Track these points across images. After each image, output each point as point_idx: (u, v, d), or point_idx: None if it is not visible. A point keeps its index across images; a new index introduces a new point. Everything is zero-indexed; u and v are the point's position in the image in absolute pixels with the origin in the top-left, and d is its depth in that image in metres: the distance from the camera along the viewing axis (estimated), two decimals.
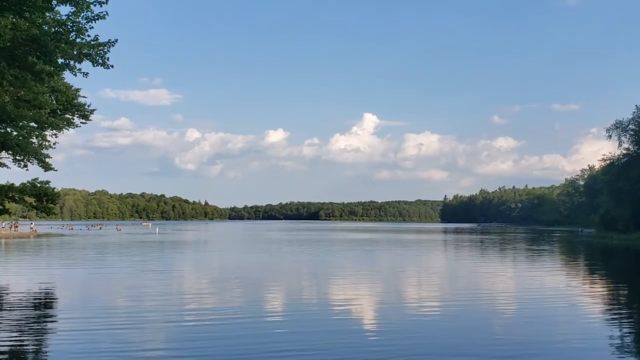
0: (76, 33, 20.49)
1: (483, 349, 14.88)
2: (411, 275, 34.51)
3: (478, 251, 60.20)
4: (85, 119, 37.92)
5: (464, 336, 16.37)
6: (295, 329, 17.45)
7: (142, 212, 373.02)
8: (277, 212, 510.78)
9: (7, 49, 18.95)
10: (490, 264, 43.68)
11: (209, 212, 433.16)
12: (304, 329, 17.33)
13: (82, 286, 28.10)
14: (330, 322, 18.73)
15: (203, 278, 32.27)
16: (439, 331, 17.15)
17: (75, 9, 20.20)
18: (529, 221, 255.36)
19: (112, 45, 21.09)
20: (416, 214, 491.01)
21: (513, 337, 16.41)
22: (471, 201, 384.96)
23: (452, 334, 16.76)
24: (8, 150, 31.10)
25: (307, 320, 18.94)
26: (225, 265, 41.43)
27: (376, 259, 47.51)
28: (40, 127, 31.59)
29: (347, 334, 16.71)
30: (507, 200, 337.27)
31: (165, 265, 39.99)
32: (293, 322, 18.67)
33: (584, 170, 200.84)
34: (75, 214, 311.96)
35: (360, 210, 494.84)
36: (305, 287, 28.51)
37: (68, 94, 34.03)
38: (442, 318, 19.56)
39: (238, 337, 15.97)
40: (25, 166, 32.88)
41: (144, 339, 15.82)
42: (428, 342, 15.62)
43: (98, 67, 21.15)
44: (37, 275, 33.15)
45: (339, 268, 38.45)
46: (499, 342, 15.79)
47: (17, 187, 32.94)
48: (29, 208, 36.48)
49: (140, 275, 32.01)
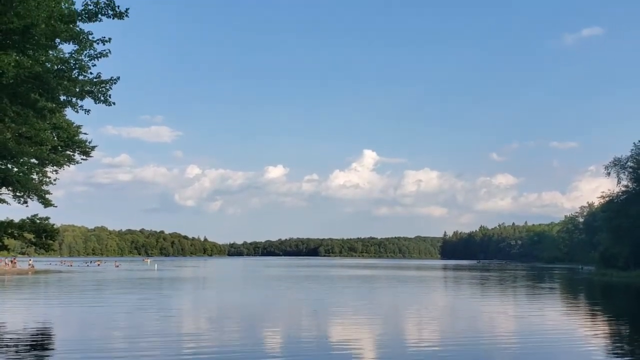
0: (79, 70, 20.72)
1: None
2: (412, 314, 34.22)
3: (479, 289, 59.80)
4: (86, 156, 38.03)
5: None
6: None
7: (141, 249, 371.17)
8: (277, 249, 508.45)
9: (10, 86, 19.13)
10: (491, 302, 43.36)
11: (208, 249, 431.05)
12: None
13: (79, 325, 27.84)
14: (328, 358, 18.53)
15: (201, 317, 32.00)
16: None
17: (79, 47, 20.46)
18: (529, 258, 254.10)
19: (114, 83, 21.28)
20: (416, 251, 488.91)
21: None
22: (471, 238, 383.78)
23: None
24: (8, 186, 31.13)
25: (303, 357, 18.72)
26: (223, 304, 41.11)
27: (376, 297, 47.15)
28: (41, 164, 31.67)
29: None
30: (507, 237, 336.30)
31: (164, 303, 39.66)
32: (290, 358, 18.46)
33: (583, 207, 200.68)
34: (74, 251, 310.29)
35: (359, 247, 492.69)
36: (304, 326, 28.25)
37: (69, 130, 34.21)
38: (443, 358, 19.35)
39: None
40: (25, 202, 32.89)
41: None
42: None
43: (100, 104, 21.34)
44: (34, 313, 32.87)
45: (338, 305, 38.14)
46: None
47: (16, 223, 32.86)
48: (28, 244, 36.35)
49: (138, 314, 31.74)
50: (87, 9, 20.04)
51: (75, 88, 20.91)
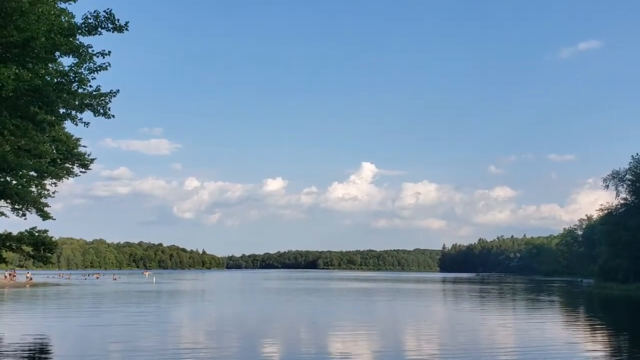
0: (78, 84, 20.77)
1: None
2: (411, 327, 34.11)
3: (478, 302, 59.67)
4: (85, 168, 38.05)
5: None
6: None
7: (140, 262, 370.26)
8: (275, 261, 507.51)
9: (10, 99, 19.16)
10: (490, 315, 43.26)
11: (207, 261, 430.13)
12: None
13: (77, 338, 27.72)
14: None
15: (200, 331, 31.87)
16: None
17: (78, 60, 20.52)
18: (528, 271, 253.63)
19: (113, 96, 21.33)
20: (415, 263, 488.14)
21: None
22: (470, 250, 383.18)
23: None
24: (7, 199, 31.12)
25: None
26: (222, 317, 40.96)
27: (376, 310, 47.01)
28: (40, 176, 31.67)
29: None
30: (505, 250, 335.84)
31: (162, 317, 39.50)
32: None
33: (582, 220, 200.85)
34: (73, 263, 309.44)
35: (358, 259, 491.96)
36: (303, 339, 28.15)
37: (68, 143, 34.24)
38: None
39: None
40: (24, 215, 32.87)
41: None
42: None
43: (99, 117, 21.37)
44: (32, 325, 32.74)
45: (337, 318, 38.03)
46: None
47: (14, 236, 32.80)
48: (26, 257, 36.20)
49: (136, 328, 31.61)
50: (87, 22, 20.12)
51: (75, 101, 20.95)
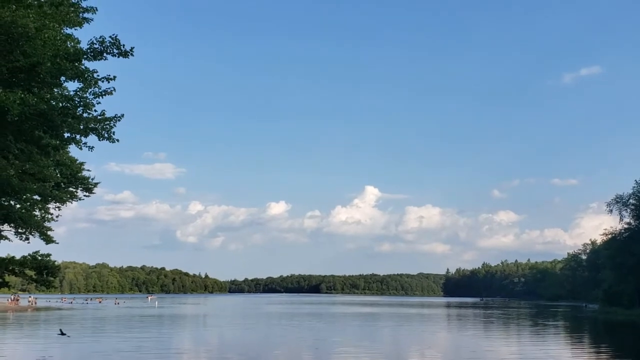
0: (83, 108, 20.86)
1: None
2: (415, 353, 33.86)
3: (483, 327, 59.24)
4: (89, 192, 38.07)
5: None
6: None
7: (142, 286, 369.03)
8: (278, 285, 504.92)
9: (15, 123, 19.27)
10: (495, 340, 42.94)
11: (209, 285, 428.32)
12: None
13: None
14: None
15: (202, 356, 31.69)
16: None
17: (84, 85, 20.67)
18: (532, 296, 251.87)
19: (118, 120, 21.45)
20: (418, 288, 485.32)
21: None
22: (474, 275, 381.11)
23: None
24: (10, 222, 31.08)
25: None
26: (224, 342, 40.72)
27: (379, 335, 46.68)
28: (44, 200, 31.71)
29: None
30: (510, 275, 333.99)
31: (164, 342, 39.29)
32: None
33: (586, 244, 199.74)
34: (75, 287, 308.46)
35: (361, 284, 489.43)
36: None
37: (73, 167, 34.32)
38: None
39: None
40: (27, 239, 32.78)
41: None
42: None
43: (104, 141, 21.48)
44: (35, 349, 32.59)
45: (340, 344, 37.75)
46: None
47: (17, 260, 32.70)
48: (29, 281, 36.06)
49: (137, 354, 31.43)
50: (92, 47, 20.33)
51: (80, 125, 21.04)
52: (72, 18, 20.83)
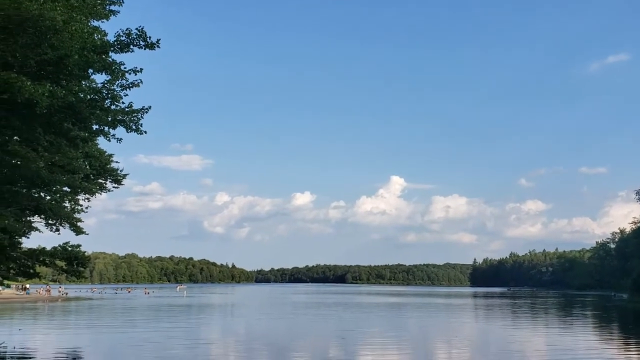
0: (111, 100, 21.03)
1: None
2: (442, 343, 33.74)
3: (510, 317, 58.80)
4: (117, 184, 38.38)
5: None
6: None
7: (171, 275, 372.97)
8: (304, 275, 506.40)
9: (44, 115, 19.49)
10: (522, 330, 42.56)
11: (236, 275, 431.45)
12: None
13: (108, 352, 27.98)
14: None
15: (230, 345, 31.96)
16: None
17: (111, 77, 20.80)
18: (560, 285, 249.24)
19: (145, 112, 21.57)
20: (445, 278, 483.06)
21: None
22: (501, 265, 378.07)
23: None
24: (41, 214, 31.50)
25: None
26: (252, 331, 40.98)
27: (405, 324, 46.56)
28: (74, 192, 32.06)
29: None
30: (537, 264, 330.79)
31: (193, 330, 39.72)
32: None
33: (614, 233, 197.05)
34: (105, 278, 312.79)
35: (387, 274, 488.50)
36: (332, 351, 28.02)
37: (101, 159, 34.61)
38: None
39: None
40: (57, 230, 33.20)
41: None
42: None
43: (132, 133, 21.63)
44: (65, 339, 33.15)
45: (367, 333, 37.77)
46: None
47: (48, 251, 33.15)
48: (59, 272, 36.54)
49: (167, 342, 31.79)
50: (119, 40, 20.44)
51: (108, 117, 21.22)
52: (98, 10, 20.96)
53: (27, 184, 25.48)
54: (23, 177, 23.77)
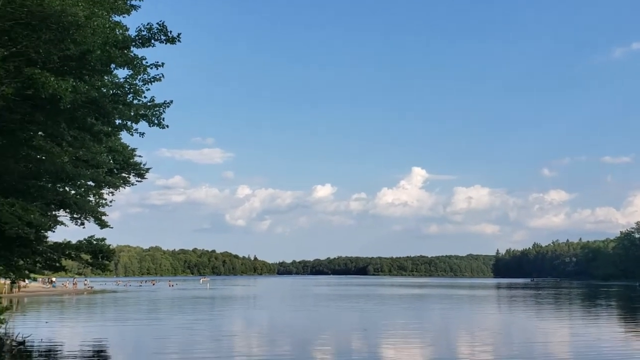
0: (133, 95, 21.19)
1: None
2: (465, 334, 33.62)
3: (533, 308, 58.38)
4: (141, 178, 38.76)
5: None
6: None
7: (194, 268, 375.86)
8: (325, 267, 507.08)
9: (68, 110, 19.69)
10: (546, 321, 42.25)
11: (258, 267, 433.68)
12: None
13: (134, 347, 28.30)
14: None
15: (253, 336, 32.16)
16: None
17: (133, 72, 20.95)
18: (584, 276, 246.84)
19: (167, 106, 21.71)
20: (468, 269, 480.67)
21: None
22: (524, 255, 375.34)
23: None
24: (66, 208, 31.92)
25: None
26: (274, 323, 41.20)
27: (428, 316, 46.45)
28: (98, 186, 32.42)
29: None
30: (561, 255, 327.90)
31: (216, 322, 40.03)
32: None
33: (639, 222, 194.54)
34: (130, 271, 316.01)
35: (409, 265, 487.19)
36: (354, 343, 28.07)
37: (125, 153, 34.94)
38: None
39: None
40: (82, 224, 33.63)
41: None
42: None
43: (154, 127, 21.78)
44: (91, 331, 33.59)
45: (389, 325, 37.75)
46: None
47: (73, 244, 33.57)
48: (84, 265, 37.00)
49: (191, 333, 32.08)
50: (140, 34, 20.59)
51: (130, 112, 21.40)
52: (119, 6, 21.09)
53: (52, 178, 25.81)
54: (48, 172, 24.08)
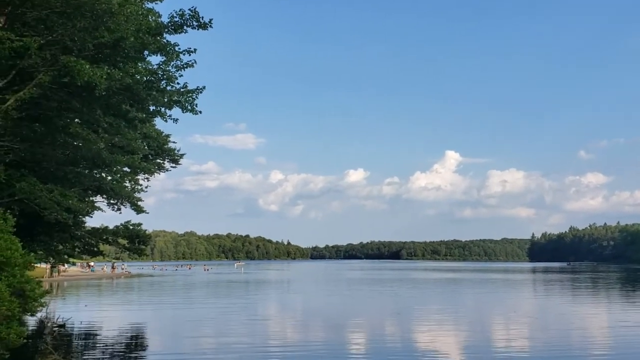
0: (166, 81, 21.36)
1: None
2: (500, 318, 33.40)
3: (570, 292, 57.65)
4: (175, 164, 39.21)
5: None
6: None
7: (228, 252, 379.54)
8: (358, 252, 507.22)
9: (103, 97, 19.94)
10: (582, 306, 41.68)
11: (292, 252, 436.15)
12: None
13: (170, 327, 28.76)
14: None
15: (287, 319, 32.42)
16: None
17: (166, 59, 21.09)
18: (622, 260, 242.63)
19: (200, 92, 21.83)
20: (502, 253, 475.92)
21: None
22: (560, 239, 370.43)
23: None
24: (103, 194, 32.49)
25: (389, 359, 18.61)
26: (308, 306, 41.46)
27: (462, 300, 46.17)
28: (133, 172, 32.86)
29: None
30: (598, 238, 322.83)
31: (251, 305, 40.44)
32: None
33: None
34: (165, 255, 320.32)
35: (443, 250, 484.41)
36: (388, 327, 28.11)
37: (159, 139, 35.34)
38: None
39: None
40: (119, 209, 34.20)
41: None
42: None
43: (187, 113, 21.94)
44: (128, 314, 34.24)
45: (423, 309, 37.68)
46: None
47: (110, 229, 34.25)
48: (121, 250, 37.73)
49: (226, 317, 32.48)
50: (172, 21, 20.71)
51: (164, 98, 21.57)
52: None
53: (89, 165, 26.21)
54: (85, 158, 24.44)
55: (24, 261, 15.26)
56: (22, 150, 21.92)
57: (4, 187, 21.00)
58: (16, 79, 18.85)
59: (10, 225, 15.67)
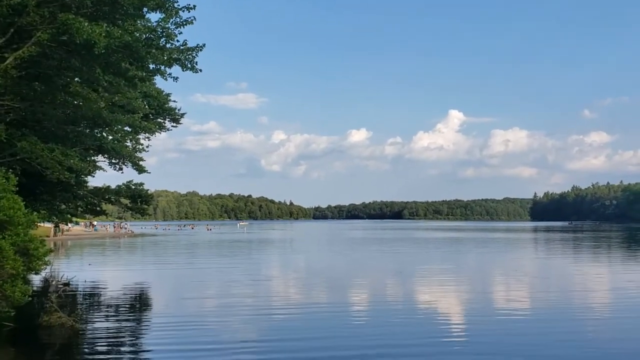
0: (166, 39, 21.06)
1: (572, 351, 14.34)
2: (500, 276, 33.65)
3: (571, 251, 57.98)
4: (176, 123, 39.02)
5: (553, 339, 15.74)
6: (378, 326, 17.37)
7: (231, 212, 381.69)
8: (361, 212, 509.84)
9: (102, 56, 19.69)
10: (583, 265, 41.99)
11: (294, 212, 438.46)
12: (387, 327, 17.19)
13: (174, 286, 29.06)
14: (414, 320, 18.56)
15: (290, 278, 32.73)
16: (524, 334, 16.55)
17: (165, 16, 20.77)
18: (625, 219, 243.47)
19: (200, 50, 21.54)
20: (504, 213, 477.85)
21: (606, 344, 15.71)
22: (563, 199, 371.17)
23: (541, 339, 16.15)
24: (104, 153, 32.39)
25: (390, 318, 18.77)
26: (310, 266, 41.80)
27: (463, 259, 46.49)
28: (134, 131, 32.72)
29: (430, 332, 16.49)
30: (601, 198, 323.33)
31: (254, 264, 40.79)
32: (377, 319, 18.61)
33: None
34: (168, 215, 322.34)
35: (445, 209, 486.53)
36: (389, 285, 28.36)
37: (159, 98, 35.09)
38: (531, 319, 18.91)
39: (322, 330, 16.04)
40: (121, 169, 34.15)
41: (233, 331, 16.17)
42: (515, 341, 15.15)
43: (187, 72, 21.71)
44: (132, 274, 34.59)
45: (424, 268, 37.96)
46: (589, 345, 15.17)
47: (113, 189, 34.27)
48: (124, 209, 37.85)
49: (230, 276, 32.78)
50: None
51: (163, 56, 21.29)
52: None
53: (90, 124, 26.09)
54: (85, 118, 24.32)
55: (27, 220, 15.29)
56: (23, 110, 21.80)
57: (5, 147, 20.95)
58: (15, 37, 18.63)
59: (12, 185, 15.66)
